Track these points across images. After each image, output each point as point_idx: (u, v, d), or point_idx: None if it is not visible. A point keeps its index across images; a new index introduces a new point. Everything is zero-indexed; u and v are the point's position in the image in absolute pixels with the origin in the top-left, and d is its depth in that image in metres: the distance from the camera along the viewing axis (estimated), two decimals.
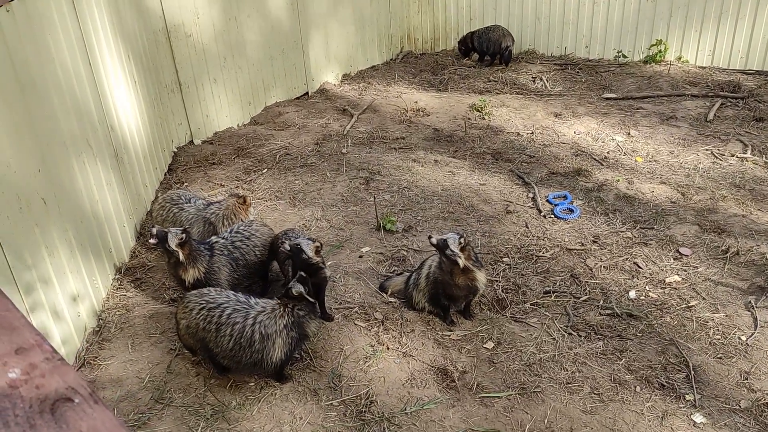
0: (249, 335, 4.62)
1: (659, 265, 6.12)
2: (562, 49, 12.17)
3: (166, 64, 8.42)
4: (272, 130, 9.53)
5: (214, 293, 4.86)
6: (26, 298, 4.43)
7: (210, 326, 4.66)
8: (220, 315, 4.67)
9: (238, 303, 4.74)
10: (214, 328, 4.66)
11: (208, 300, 4.77)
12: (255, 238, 5.80)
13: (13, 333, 1.22)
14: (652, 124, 9.14)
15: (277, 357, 4.68)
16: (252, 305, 4.75)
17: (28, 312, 4.41)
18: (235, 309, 4.69)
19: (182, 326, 4.83)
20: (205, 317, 4.70)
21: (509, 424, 4.50)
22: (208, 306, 4.72)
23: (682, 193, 7.30)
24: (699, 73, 10.79)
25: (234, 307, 4.71)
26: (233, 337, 4.63)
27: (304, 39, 10.56)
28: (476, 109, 9.81)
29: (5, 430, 1.02)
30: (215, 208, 6.25)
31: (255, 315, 4.67)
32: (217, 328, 4.65)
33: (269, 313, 4.68)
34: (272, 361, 4.68)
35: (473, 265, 5.21)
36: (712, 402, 4.61)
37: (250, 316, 4.66)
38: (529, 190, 7.59)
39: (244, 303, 4.75)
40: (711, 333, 5.27)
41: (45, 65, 5.07)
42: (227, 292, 4.91)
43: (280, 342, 4.65)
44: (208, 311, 4.70)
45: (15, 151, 4.46)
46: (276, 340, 4.64)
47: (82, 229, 5.44)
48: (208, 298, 4.78)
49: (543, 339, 5.28)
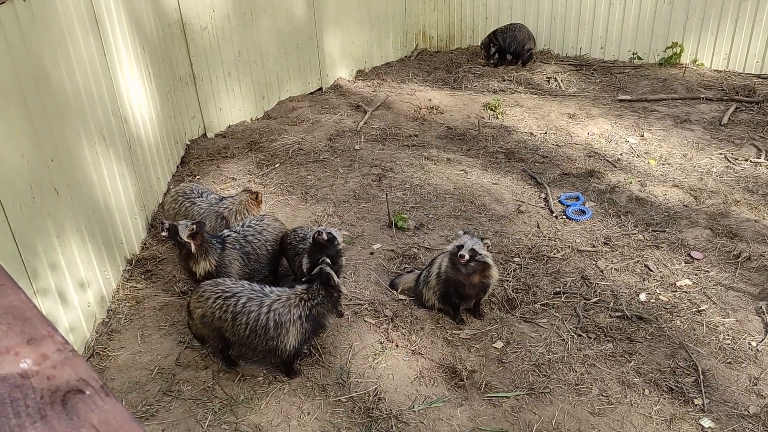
0: (264, 323, 4.65)
1: (670, 268, 6.08)
2: (578, 50, 12.10)
3: (180, 57, 8.44)
4: (285, 125, 9.54)
5: (229, 282, 4.90)
6: (36, 287, 4.46)
7: (226, 315, 4.69)
8: (236, 303, 4.70)
9: (252, 292, 4.78)
10: (230, 317, 4.69)
11: (224, 289, 4.80)
12: (267, 233, 5.82)
13: (25, 323, 1.22)
14: (666, 126, 9.08)
15: (291, 345, 4.71)
16: (267, 294, 4.79)
17: (38, 301, 4.44)
18: (250, 298, 4.73)
19: (197, 315, 4.85)
20: (221, 306, 4.72)
21: (517, 424, 4.49)
22: (223, 295, 4.76)
23: (694, 197, 7.25)
24: (714, 76, 10.70)
25: (249, 295, 4.74)
26: (249, 326, 4.67)
27: (319, 34, 10.56)
28: (490, 108, 9.78)
29: (16, 420, 1.02)
30: (228, 203, 6.26)
31: (270, 303, 4.70)
32: (233, 317, 4.68)
33: (284, 302, 4.72)
34: (286, 348, 4.72)
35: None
36: (721, 407, 4.58)
37: (265, 305, 4.69)
38: (541, 190, 7.56)
39: (258, 291, 4.79)
40: (721, 337, 5.24)
41: (60, 56, 5.09)
42: (242, 282, 4.95)
43: (294, 331, 4.68)
44: (224, 300, 4.73)
45: (29, 141, 4.48)
46: (290, 329, 4.67)
47: (93, 220, 5.46)
48: (224, 287, 4.81)
49: (552, 340, 5.26)
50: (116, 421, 1.03)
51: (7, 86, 4.25)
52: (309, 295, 4.76)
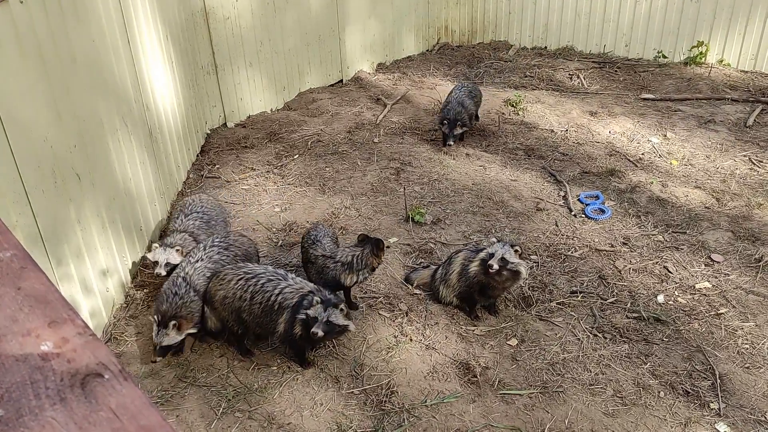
0: (271, 304, 4.70)
1: (690, 270, 6.02)
2: (601, 47, 11.98)
3: (203, 46, 8.47)
4: (305, 117, 9.55)
5: (251, 265, 4.97)
6: (57, 271, 4.51)
7: (246, 294, 4.76)
8: (256, 283, 4.77)
9: (274, 274, 4.84)
10: (249, 296, 4.75)
11: (246, 271, 4.87)
12: (234, 248, 5.39)
13: (47, 306, 1.23)
14: (690, 127, 8.98)
15: (282, 328, 4.72)
16: (286, 278, 4.82)
17: (58, 285, 4.49)
18: (270, 279, 4.78)
19: (218, 298, 4.88)
20: (242, 286, 4.79)
21: (529, 422, 4.47)
22: (246, 276, 4.82)
23: (716, 199, 7.16)
24: (740, 77, 10.55)
25: (269, 277, 4.80)
26: (262, 305, 4.72)
27: (341, 27, 10.55)
28: (511, 104, 9.72)
29: (36, 401, 1.03)
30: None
31: (283, 287, 4.73)
32: (251, 296, 4.75)
33: (295, 289, 4.73)
34: (278, 332, 4.75)
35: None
36: (737, 412, 4.54)
37: (279, 287, 4.73)
38: (560, 188, 7.51)
39: (279, 275, 4.83)
40: (739, 342, 5.18)
41: (85, 42, 5.13)
42: (265, 265, 5.02)
43: (286, 316, 4.69)
44: (246, 281, 4.80)
45: (52, 126, 4.53)
46: (284, 315, 4.69)
47: (114, 206, 5.51)
48: (246, 270, 4.88)
49: (567, 339, 5.23)
50: (134, 406, 1.03)
51: (32, 71, 4.30)
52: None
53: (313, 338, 4.53)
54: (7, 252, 1.36)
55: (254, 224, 6.81)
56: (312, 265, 5.46)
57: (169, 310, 4.86)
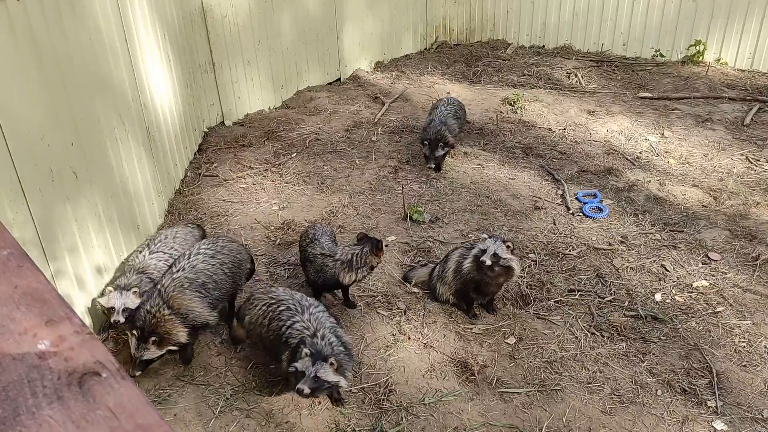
0: (280, 335, 4.47)
1: (687, 268, 6.03)
2: (599, 46, 11.99)
3: (200, 45, 8.46)
4: (303, 115, 9.55)
5: (279, 291, 4.76)
6: (54, 269, 4.51)
7: (265, 321, 4.60)
8: (275, 309, 4.58)
9: (295, 303, 4.57)
10: (267, 322, 4.58)
11: (272, 297, 4.69)
12: (222, 255, 5.14)
13: (44, 305, 1.23)
14: (687, 125, 8.99)
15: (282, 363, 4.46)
16: (304, 310, 4.50)
17: (55, 283, 4.49)
18: (288, 308, 4.55)
19: (246, 321, 4.76)
20: (264, 312, 4.62)
21: (527, 420, 4.48)
22: (269, 302, 4.65)
23: (714, 197, 7.17)
24: (738, 75, 10.57)
25: (289, 305, 4.56)
26: (275, 332, 4.52)
27: (339, 25, 10.54)
28: (509, 103, 9.72)
29: (33, 400, 1.03)
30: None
31: (295, 321, 4.46)
32: (269, 321, 4.56)
33: (303, 327, 4.40)
34: (281, 364, 4.47)
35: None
36: (734, 410, 4.55)
37: (292, 319, 4.47)
38: (558, 186, 7.52)
39: (300, 306, 4.55)
40: (737, 340, 5.19)
41: (82, 40, 5.12)
42: (292, 292, 4.75)
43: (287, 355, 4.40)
44: (268, 306, 4.63)
45: (50, 124, 4.52)
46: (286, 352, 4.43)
47: (111, 204, 5.50)
48: (273, 295, 4.71)
49: (565, 337, 5.24)
50: (131, 404, 1.03)
51: (30, 70, 4.29)
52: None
53: (299, 395, 4.10)
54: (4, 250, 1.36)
55: (252, 223, 6.81)
56: (310, 264, 5.45)
57: (146, 329, 4.60)
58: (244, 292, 5.46)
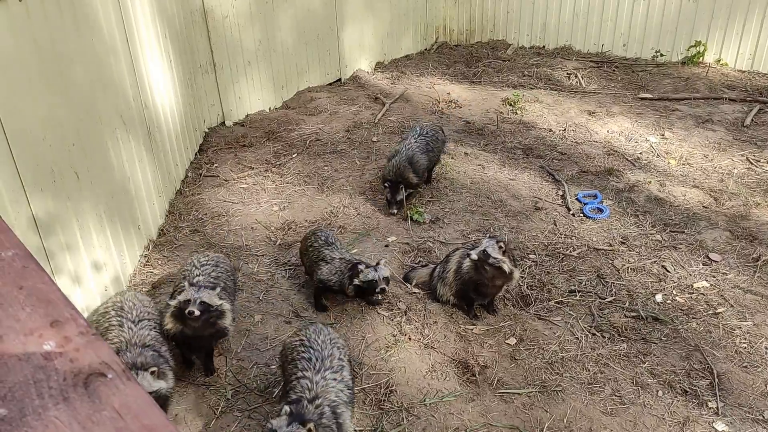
0: (288, 383, 4.17)
1: (688, 269, 6.04)
2: (599, 47, 12.00)
3: (201, 45, 8.46)
4: (303, 115, 9.55)
5: (316, 337, 4.30)
6: (55, 269, 4.51)
7: (287, 354, 4.33)
8: (299, 352, 4.22)
9: (317, 356, 4.15)
10: (288, 355, 4.30)
11: (302, 339, 4.31)
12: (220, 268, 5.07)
13: (49, 306, 1.23)
14: (688, 126, 8.99)
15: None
16: (318, 370, 4.07)
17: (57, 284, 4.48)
18: (309, 359, 4.14)
19: (281, 363, 4.51)
20: (292, 347, 4.32)
21: (528, 421, 4.48)
22: (301, 341, 4.30)
23: (714, 198, 7.18)
24: (738, 76, 10.57)
25: (312, 356, 4.15)
26: (287, 375, 4.23)
27: (339, 25, 10.54)
28: (509, 104, 9.72)
29: (39, 401, 1.03)
30: None
31: (304, 376, 4.04)
32: (290, 359, 4.25)
33: (305, 388, 4.00)
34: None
35: (512, 264, 5.26)
36: (735, 411, 4.55)
37: (303, 374, 4.06)
38: (558, 187, 7.52)
39: (321, 361, 4.13)
40: (737, 341, 5.19)
41: (84, 40, 5.12)
42: (329, 341, 4.29)
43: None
44: (298, 345, 4.29)
45: (51, 124, 4.52)
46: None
47: (112, 204, 5.50)
48: (305, 337, 4.32)
49: (566, 338, 5.24)
50: (137, 405, 1.04)
51: (31, 70, 4.29)
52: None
53: None
54: (9, 251, 1.36)
55: (253, 223, 6.81)
56: (326, 264, 5.41)
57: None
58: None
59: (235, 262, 6.15)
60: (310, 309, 5.58)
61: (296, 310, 5.55)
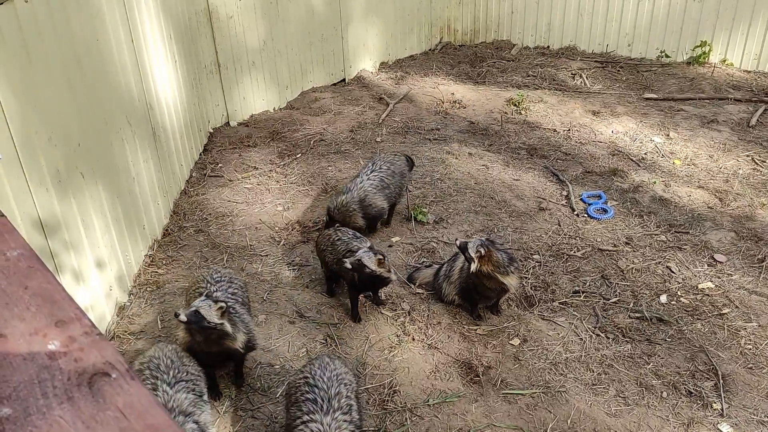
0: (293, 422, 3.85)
1: (693, 270, 6.02)
2: (604, 47, 11.97)
3: (206, 45, 8.48)
4: (308, 116, 9.56)
5: (321, 372, 4.04)
6: (60, 269, 4.52)
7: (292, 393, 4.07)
8: (303, 392, 3.94)
9: (324, 396, 3.87)
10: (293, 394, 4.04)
11: (306, 376, 4.04)
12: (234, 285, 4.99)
13: (54, 306, 1.23)
14: (693, 126, 8.97)
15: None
16: (329, 410, 3.80)
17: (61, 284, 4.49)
18: (315, 400, 3.84)
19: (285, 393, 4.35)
20: (296, 386, 4.07)
21: (531, 422, 4.47)
22: (305, 380, 4.02)
23: (719, 199, 7.15)
24: (743, 77, 10.54)
25: (318, 396, 3.86)
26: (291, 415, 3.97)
27: (344, 26, 10.54)
28: (513, 104, 9.72)
29: (44, 400, 1.03)
30: None
31: (313, 420, 3.74)
32: (294, 398, 3.99)
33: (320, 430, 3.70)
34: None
35: (496, 271, 5.14)
36: (740, 412, 4.54)
37: (310, 415, 3.77)
38: (563, 187, 7.51)
39: (328, 401, 3.85)
40: (743, 342, 5.17)
41: (90, 42, 5.13)
42: (337, 376, 4.04)
43: None
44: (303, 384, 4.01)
45: (57, 125, 4.54)
46: None
47: (117, 204, 5.52)
48: (308, 374, 4.06)
49: (570, 339, 5.23)
50: (141, 405, 1.04)
51: (37, 71, 4.30)
52: None
53: None
54: (14, 251, 1.36)
55: (257, 223, 6.82)
56: (350, 254, 5.29)
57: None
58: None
59: (239, 262, 6.16)
60: (313, 309, 5.58)
61: (300, 310, 5.55)
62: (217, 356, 4.54)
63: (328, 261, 5.63)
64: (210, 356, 4.50)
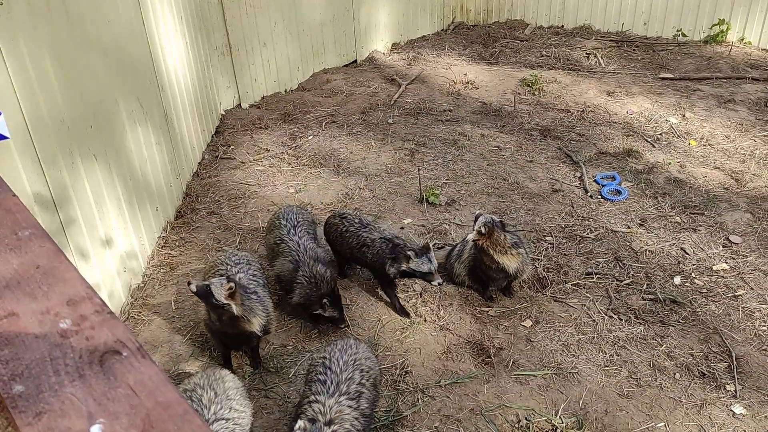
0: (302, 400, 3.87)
1: (707, 252, 5.97)
2: (619, 26, 11.81)
3: (217, 27, 8.45)
4: (319, 97, 9.53)
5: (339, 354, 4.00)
6: (74, 250, 4.56)
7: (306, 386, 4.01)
8: (315, 371, 3.95)
9: (333, 379, 3.82)
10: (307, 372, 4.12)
11: (324, 357, 4.03)
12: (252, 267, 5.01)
13: (66, 285, 1.24)
14: (709, 106, 8.85)
15: None
16: (335, 393, 3.75)
17: (75, 264, 4.53)
18: (324, 382, 3.82)
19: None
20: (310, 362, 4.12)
21: (543, 403, 4.48)
22: (320, 361, 4.00)
23: (735, 180, 7.08)
24: (762, 55, 10.38)
25: (328, 379, 3.83)
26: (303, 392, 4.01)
27: (355, 6, 10.47)
28: (526, 84, 9.63)
29: (56, 378, 1.04)
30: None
31: (318, 401, 3.71)
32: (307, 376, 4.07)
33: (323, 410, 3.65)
34: None
35: (491, 248, 5.06)
36: (753, 394, 4.52)
37: (316, 396, 3.75)
38: (576, 169, 7.45)
39: (336, 385, 3.79)
40: (757, 324, 5.14)
41: (101, 23, 5.13)
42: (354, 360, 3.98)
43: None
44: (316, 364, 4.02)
45: (69, 107, 4.55)
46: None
47: (130, 186, 5.54)
48: (325, 356, 4.02)
49: (582, 320, 5.22)
50: (152, 383, 1.04)
51: (49, 52, 4.30)
52: None
53: None
54: (26, 231, 1.37)
55: (269, 205, 6.83)
56: (367, 249, 5.26)
57: None
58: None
59: (252, 244, 6.18)
60: None
61: None
62: (234, 338, 4.57)
63: (339, 250, 5.64)
64: (227, 336, 4.56)
